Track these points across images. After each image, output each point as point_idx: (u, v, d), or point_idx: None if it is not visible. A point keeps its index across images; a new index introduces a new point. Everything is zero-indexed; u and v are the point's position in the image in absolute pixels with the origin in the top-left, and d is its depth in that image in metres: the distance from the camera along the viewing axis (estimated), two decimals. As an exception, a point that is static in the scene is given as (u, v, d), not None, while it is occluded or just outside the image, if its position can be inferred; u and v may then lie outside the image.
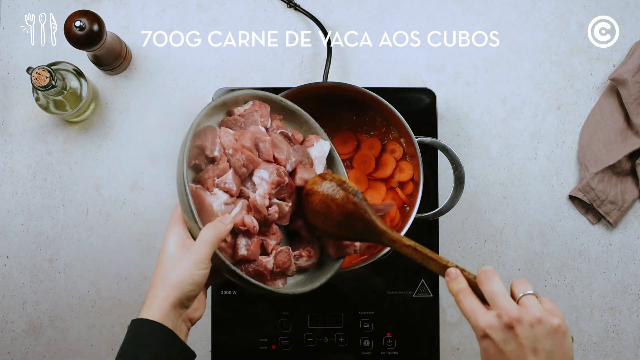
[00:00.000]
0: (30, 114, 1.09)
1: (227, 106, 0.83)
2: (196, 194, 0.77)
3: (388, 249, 0.94)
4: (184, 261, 0.72)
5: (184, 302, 0.73)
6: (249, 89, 0.85)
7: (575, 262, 1.10)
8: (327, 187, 0.82)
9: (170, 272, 0.72)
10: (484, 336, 0.70)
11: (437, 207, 1.01)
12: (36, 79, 0.95)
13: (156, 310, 0.71)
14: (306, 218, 0.85)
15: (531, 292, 0.70)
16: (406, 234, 0.94)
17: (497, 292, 0.70)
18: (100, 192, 1.09)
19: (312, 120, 0.91)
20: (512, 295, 0.70)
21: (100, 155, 1.10)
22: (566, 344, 0.69)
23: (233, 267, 0.74)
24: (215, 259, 0.73)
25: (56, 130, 1.10)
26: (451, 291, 0.73)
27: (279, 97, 0.88)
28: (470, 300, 0.72)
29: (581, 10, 1.14)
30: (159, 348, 0.70)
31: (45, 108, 1.02)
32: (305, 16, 1.11)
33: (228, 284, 1.05)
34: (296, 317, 1.05)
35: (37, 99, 1.02)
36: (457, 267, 0.74)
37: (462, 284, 0.73)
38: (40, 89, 0.95)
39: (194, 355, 0.75)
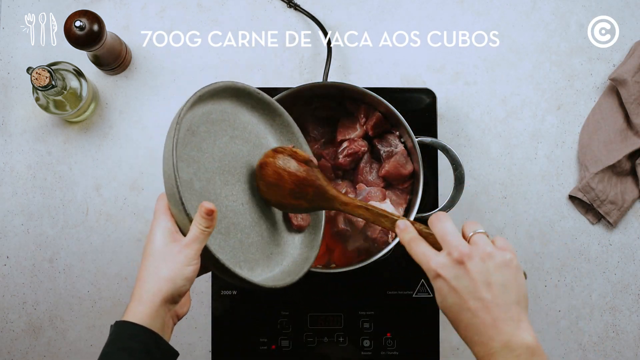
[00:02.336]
0: (30, 114, 1.09)
1: (207, 97, 0.83)
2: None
3: (388, 249, 0.94)
4: (175, 256, 0.72)
5: (175, 298, 0.72)
6: (228, 81, 0.84)
7: (575, 262, 1.10)
8: (279, 158, 0.85)
9: (162, 267, 0.72)
10: (436, 276, 0.70)
11: (437, 207, 1.01)
12: (36, 79, 0.95)
13: (146, 305, 0.71)
14: (260, 193, 0.86)
15: (482, 230, 0.70)
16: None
17: (447, 231, 0.70)
18: (100, 192, 1.09)
19: (286, 114, 0.91)
20: (464, 236, 0.70)
21: (100, 155, 1.10)
22: (519, 278, 0.69)
23: (223, 261, 0.74)
24: (203, 252, 0.73)
25: (56, 130, 1.10)
26: (403, 242, 0.74)
27: (256, 89, 0.88)
28: (422, 246, 0.72)
29: (581, 10, 1.14)
30: (141, 350, 0.69)
31: (45, 108, 1.02)
32: (305, 16, 1.11)
33: (229, 284, 1.05)
34: (296, 317, 1.05)
35: (37, 99, 1.02)
36: (407, 219, 0.75)
37: (412, 233, 0.73)
38: (40, 89, 0.95)
39: (176, 354, 0.74)
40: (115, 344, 0.70)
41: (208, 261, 0.75)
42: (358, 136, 1.00)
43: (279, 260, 0.88)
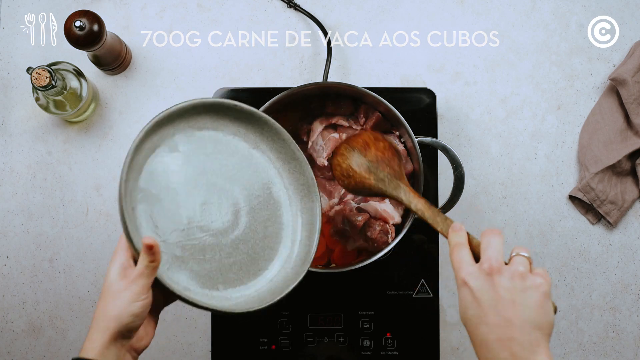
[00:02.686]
0: (30, 114, 1.09)
1: (173, 119, 0.80)
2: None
3: (388, 249, 0.94)
4: (121, 293, 0.71)
5: (125, 334, 0.71)
6: (195, 99, 0.82)
7: (575, 262, 1.10)
8: (377, 136, 0.90)
9: (110, 304, 0.71)
10: (462, 284, 0.69)
11: (437, 207, 1.01)
12: (36, 79, 0.95)
13: (97, 343, 0.70)
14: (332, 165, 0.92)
15: (525, 254, 0.69)
16: (406, 234, 0.94)
17: (491, 245, 0.69)
18: (100, 192, 1.09)
19: (271, 122, 0.87)
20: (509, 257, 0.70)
21: (100, 155, 1.10)
22: (546, 305, 0.67)
23: (178, 292, 0.72)
24: (157, 283, 0.72)
25: (56, 130, 1.10)
26: (450, 242, 0.73)
27: (232, 101, 0.84)
28: (463, 253, 0.71)
29: (581, 10, 1.14)
30: None
31: (45, 108, 1.02)
32: (305, 16, 1.12)
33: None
34: (296, 317, 1.05)
35: (37, 99, 1.02)
36: (461, 225, 0.75)
37: (462, 238, 0.73)
38: (40, 89, 0.95)
39: None
40: None
41: (166, 291, 0.73)
42: None
43: (268, 276, 0.84)
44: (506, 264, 0.69)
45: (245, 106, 0.85)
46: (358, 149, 0.88)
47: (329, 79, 1.04)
